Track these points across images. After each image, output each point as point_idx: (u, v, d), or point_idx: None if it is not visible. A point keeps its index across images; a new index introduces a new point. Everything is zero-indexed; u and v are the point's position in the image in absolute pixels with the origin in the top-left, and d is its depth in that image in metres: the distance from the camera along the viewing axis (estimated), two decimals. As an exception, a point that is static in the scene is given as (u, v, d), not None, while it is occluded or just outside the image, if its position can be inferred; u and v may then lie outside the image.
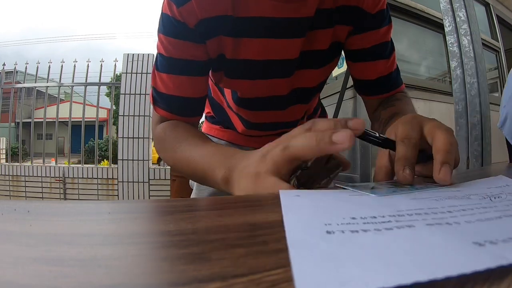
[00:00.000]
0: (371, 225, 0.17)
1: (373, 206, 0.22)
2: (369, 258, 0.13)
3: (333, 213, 0.21)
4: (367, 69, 0.57)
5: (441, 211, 0.20)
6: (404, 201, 0.23)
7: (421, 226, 0.17)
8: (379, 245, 0.15)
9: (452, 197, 0.24)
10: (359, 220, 0.18)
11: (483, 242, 0.15)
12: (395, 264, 0.13)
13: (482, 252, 0.14)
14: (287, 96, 0.58)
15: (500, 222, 0.18)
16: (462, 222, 0.18)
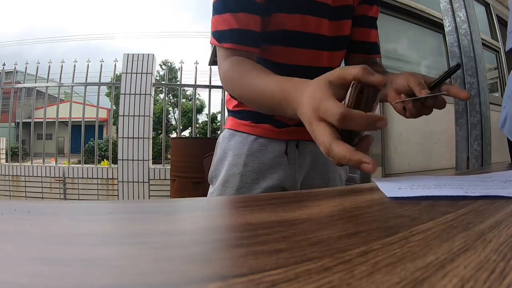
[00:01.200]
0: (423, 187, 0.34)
1: (426, 180, 0.39)
2: (418, 191, 0.32)
3: (404, 183, 0.37)
4: (365, 33, 0.73)
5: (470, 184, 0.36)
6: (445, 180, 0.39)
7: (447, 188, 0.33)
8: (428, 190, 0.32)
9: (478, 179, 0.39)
10: (418, 185, 0.35)
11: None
12: (431, 191, 0.32)
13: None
14: (327, 38, 0.66)
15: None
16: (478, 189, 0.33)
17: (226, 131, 0.74)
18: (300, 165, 0.70)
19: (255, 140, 0.68)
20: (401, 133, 1.89)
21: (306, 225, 0.22)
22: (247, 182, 0.66)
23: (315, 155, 0.71)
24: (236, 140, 0.70)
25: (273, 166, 0.68)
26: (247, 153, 0.68)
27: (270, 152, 0.68)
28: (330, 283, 0.13)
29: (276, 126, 0.69)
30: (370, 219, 0.25)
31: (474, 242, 0.18)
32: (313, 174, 0.71)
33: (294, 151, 0.69)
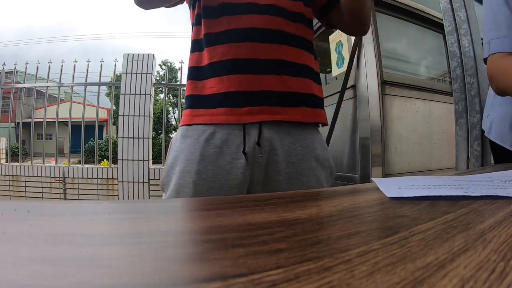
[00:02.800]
0: (423, 187, 0.34)
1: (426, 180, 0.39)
2: (418, 191, 0.32)
3: (404, 183, 0.38)
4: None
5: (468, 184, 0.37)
6: (445, 180, 0.39)
7: (447, 188, 0.34)
8: (428, 190, 0.33)
9: (478, 180, 0.40)
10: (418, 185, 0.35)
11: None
12: (431, 191, 0.32)
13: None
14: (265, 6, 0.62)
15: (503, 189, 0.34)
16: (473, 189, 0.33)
17: (179, 130, 0.67)
18: (260, 167, 0.62)
19: (207, 141, 0.61)
20: (401, 133, 1.89)
21: (306, 225, 0.22)
22: (201, 192, 0.60)
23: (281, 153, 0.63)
24: (187, 142, 0.63)
25: (231, 171, 0.61)
26: (200, 158, 0.60)
27: (226, 154, 0.61)
28: (330, 283, 0.13)
29: (227, 104, 0.61)
30: (370, 219, 0.25)
31: (474, 242, 0.18)
32: (280, 178, 0.63)
33: (253, 150, 0.61)
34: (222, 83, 0.62)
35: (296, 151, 0.64)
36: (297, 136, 0.65)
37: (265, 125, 0.62)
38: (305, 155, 0.65)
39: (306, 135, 0.66)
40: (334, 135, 1.97)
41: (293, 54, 0.65)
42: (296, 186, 0.63)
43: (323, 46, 2.51)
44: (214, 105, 0.62)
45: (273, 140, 0.62)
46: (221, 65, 0.62)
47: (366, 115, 1.81)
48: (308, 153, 0.65)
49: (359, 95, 1.89)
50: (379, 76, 1.82)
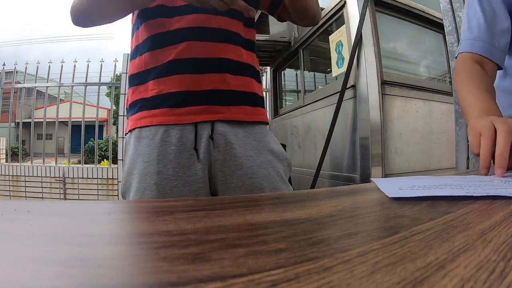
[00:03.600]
0: (424, 187, 0.34)
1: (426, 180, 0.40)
2: (419, 191, 0.32)
3: (404, 183, 0.37)
4: None
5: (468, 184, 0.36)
6: (445, 180, 0.39)
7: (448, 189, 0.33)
8: (429, 190, 0.32)
9: (478, 180, 0.39)
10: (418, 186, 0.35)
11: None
12: (433, 191, 0.32)
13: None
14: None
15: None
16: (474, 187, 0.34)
17: (132, 134, 0.65)
18: (216, 161, 0.62)
19: (163, 140, 0.60)
20: (401, 133, 1.89)
21: (306, 225, 0.22)
22: (165, 193, 0.59)
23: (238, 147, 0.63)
24: (142, 143, 0.62)
25: (191, 167, 0.60)
26: (158, 158, 0.60)
27: (183, 150, 0.60)
28: (330, 283, 0.13)
29: (177, 104, 0.61)
30: (370, 219, 0.25)
31: (474, 242, 0.18)
32: (241, 173, 0.62)
33: (206, 144, 0.61)
34: (163, 84, 0.62)
35: (251, 144, 0.65)
36: (249, 131, 0.66)
37: (218, 121, 0.63)
38: (260, 149, 0.66)
39: (257, 129, 0.67)
40: (334, 135, 1.97)
41: (234, 52, 0.65)
42: (258, 179, 0.63)
43: (323, 46, 2.51)
44: (155, 106, 0.62)
45: (227, 134, 0.62)
46: (162, 67, 0.62)
47: (366, 115, 1.81)
48: (262, 146, 0.66)
49: (359, 95, 1.89)
50: (379, 76, 1.82)
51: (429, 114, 2.02)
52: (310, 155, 2.51)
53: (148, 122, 0.62)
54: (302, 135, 2.64)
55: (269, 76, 3.73)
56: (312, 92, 2.69)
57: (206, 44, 0.62)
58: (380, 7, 1.98)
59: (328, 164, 2.14)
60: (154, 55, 0.63)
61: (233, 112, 0.64)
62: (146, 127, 0.62)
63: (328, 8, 2.28)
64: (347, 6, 2.04)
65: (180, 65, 0.61)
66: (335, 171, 2.11)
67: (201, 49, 0.61)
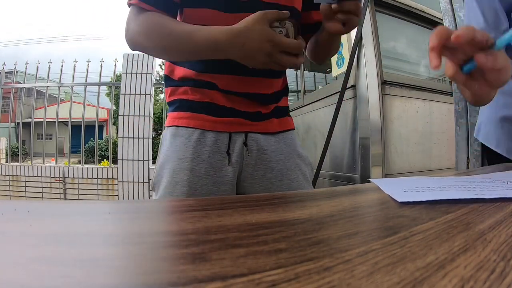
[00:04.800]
0: (429, 189, 0.34)
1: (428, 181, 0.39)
2: (429, 194, 0.31)
3: (407, 185, 0.38)
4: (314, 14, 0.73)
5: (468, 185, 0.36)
6: (447, 181, 0.39)
7: (454, 190, 0.33)
8: (440, 193, 0.32)
9: (479, 180, 0.39)
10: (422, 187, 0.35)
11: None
12: (443, 194, 0.31)
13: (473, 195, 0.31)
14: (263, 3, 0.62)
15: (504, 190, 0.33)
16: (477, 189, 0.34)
17: (168, 130, 0.67)
18: (248, 165, 0.65)
19: (199, 140, 0.63)
20: (401, 133, 1.89)
21: (306, 225, 0.22)
22: (196, 189, 0.61)
23: (270, 152, 0.66)
24: (178, 141, 0.64)
25: (222, 168, 0.63)
26: (192, 156, 0.62)
27: (217, 152, 0.63)
28: (330, 283, 0.13)
29: (213, 113, 0.64)
30: (370, 219, 0.25)
31: (474, 242, 0.18)
32: (271, 176, 0.66)
33: (240, 149, 0.64)
34: (202, 93, 0.65)
35: (282, 149, 0.69)
36: (280, 136, 0.70)
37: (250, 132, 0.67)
38: (290, 153, 0.70)
39: (286, 134, 0.72)
40: (334, 135, 1.97)
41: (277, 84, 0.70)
42: (286, 181, 0.67)
43: (323, 46, 2.50)
44: (193, 110, 0.65)
45: (259, 140, 0.66)
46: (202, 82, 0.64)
47: (366, 115, 1.81)
48: (291, 150, 0.70)
49: (359, 95, 1.89)
50: (379, 76, 1.82)
51: (429, 114, 2.02)
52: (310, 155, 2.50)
53: (185, 123, 0.65)
54: (302, 135, 2.65)
55: (269, 76, 3.71)
56: (312, 92, 2.70)
57: (243, 78, 0.64)
58: (380, 7, 1.98)
59: (328, 164, 2.14)
60: (195, 72, 0.65)
61: (264, 126, 0.68)
62: (183, 127, 0.65)
63: (328, 8, 2.28)
64: (347, 6, 2.03)
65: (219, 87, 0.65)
66: (335, 171, 2.11)
67: (238, 83, 0.64)
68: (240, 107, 0.65)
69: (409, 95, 1.94)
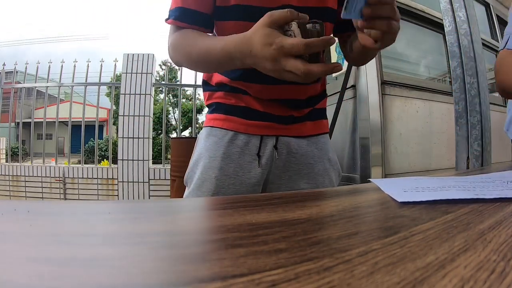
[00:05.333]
0: (430, 189, 0.34)
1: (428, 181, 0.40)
2: (429, 194, 0.31)
3: (407, 185, 0.38)
4: None
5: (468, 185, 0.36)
6: (447, 181, 0.39)
7: (454, 190, 0.33)
8: (440, 193, 0.32)
9: (479, 180, 0.40)
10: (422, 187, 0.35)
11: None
12: (443, 194, 0.31)
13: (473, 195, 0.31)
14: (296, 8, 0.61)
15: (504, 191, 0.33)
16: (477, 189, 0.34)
17: (204, 130, 0.71)
18: (277, 167, 0.66)
19: (231, 141, 0.65)
20: (401, 133, 1.89)
21: (306, 225, 0.22)
22: (223, 187, 0.63)
23: (299, 156, 0.67)
24: (211, 140, 0.67)
25: (251, 170, 0.65)
26: (223, 156, 0.64)
27: (247, 154, 0.65)
28: (330, 283, 0.13)
29: (246, 117, 0.66)
30: (370, 219, 0.25)
31: (474, 242, 0.18)
32: (298, 178, 0.67)
33: (270, 152, 0.66)
34: (236, 98, 0.67)
35: (312, 153, 0.69)
36: (312, 139, 0.70)
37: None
38: (320, 157, 0.70)
39: (319, 138, 0.72)
40: (334, 135, 1.97)
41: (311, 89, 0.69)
42: (313, 185, 0.67)
43: (323, 46, 2.50)
44: (227, 113, 0.67)
45: (290, 144, 0.67)
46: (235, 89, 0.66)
47: (366, 115, 1.81)
48: (322, 155, 0.70)
49: (359, 95, 1.89)
50: (379, 76, 1.82)
51: (429, 114, 2.02)
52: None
53: (219, 124, 0.67)
54: (302, 135, 2.64)
55: (269, 76, 3.72)
56: (312, 92, 2.69)
57: (273, 86, 0.64)
58: (380, 7, 1.98)
59: (328, 164, 2.14)
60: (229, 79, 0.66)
61: (296, 129, 0.68)
62: (217, 128, 0.68)
63: (328, 8, 2.28)
64: (347, 6, 2.04)
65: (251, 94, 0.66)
66: (335, 171, 2.11)
67: (268, 91, 0.64)
68: (273, 111, 0.66)
69: (409, 95, 1.94)
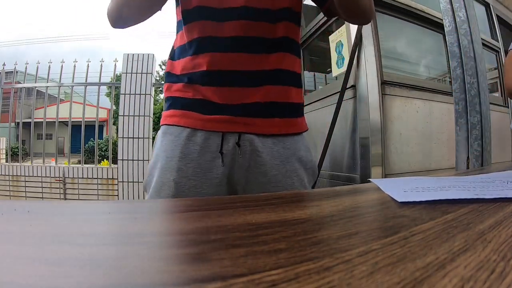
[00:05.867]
0: (430, 189, 0.34)
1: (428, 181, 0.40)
2: (429, 194, 0.31)
3: (407, 185, 0.38)
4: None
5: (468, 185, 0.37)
6: (447, 182, 0.40)
7: (454, 190, 0.33)
8: (440, 193, 0.32)
9: (479, 180, 0.40)
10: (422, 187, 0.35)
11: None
12: (443, 194, 0.31)
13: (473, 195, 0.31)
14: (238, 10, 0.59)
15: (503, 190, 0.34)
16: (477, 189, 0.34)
17: (160, 129, 0.66)
18: (241, 166, 0.61)
19: (189, 139, 0.60)
20: (401, 133, 1.89)
21: (306, 225, 0.22)
22: (183, 191, 0.58)
23: (265, 155, 0.61)
24: (167, 139, 0.62)
25: (212, 169, 0.60)
26: (180, 156, 0.59)
27: (207, 152, 0.60)
28: (330, 283, 0.13)
29: (205, 111, 0.60)
30: (370, 219, 0.25)
31: (474, 242, 0.18)
32: (264, 180, 0.61)
33: (232, 149, 0.60)
34: (194, 90, 0.62)
35: (279, 152, 0.63)
36: (279, 138, 0.63)
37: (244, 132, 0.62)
38: (288, 156, 0.64)
39: (288, 136, 0.65)
40: (334, 135, 1.97)
41: (274, 61, 0.62)
42: (281, 188, 0.62)
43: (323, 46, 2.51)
44: (184, 108, 0.62)
45: (254, 141, 0.61)
46: (196, 74, 0.61)
47: (366, 115, 1.81)
48: (290, 154, 0.64)
49: (359, 95, 1.89)
50: (379, 76, 1.82)
51: (429, 114, 2.02)
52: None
53: (175, 121, 0.62)
54: (302, 135, 2.64)
55: (269, 76, 3.72)
56: (312, 92, 2.70)
57: (245, 56, 0.60)
58: (380, 7, 1.98)
59: (328, 164, 2.14)
60: (190, 60, 0.62)
61: (261, 125, 0.62)
62: (173, 125, 0.63)
63: (328, 8, 2.28)
64: (347, 6, 2.03)
65: (215, 76, 0.60)
66: (335, 171, 2.11)
67: (237, 61, 0.60)
68: (233, 99, 0.60)
69: (409, 95, 1.94)
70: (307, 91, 2.77)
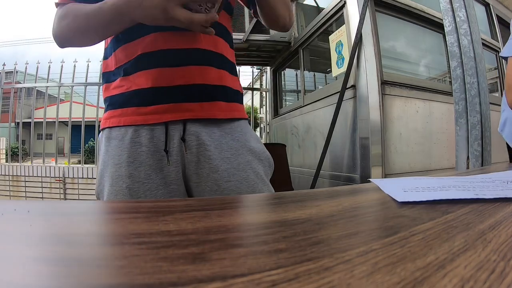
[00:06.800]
0: (430, 189, 0.34)
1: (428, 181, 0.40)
2: (429, 194, 0.31)
3: (406, 184, 0.38)
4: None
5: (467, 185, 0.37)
6: (447, 181, 0.40)
7: (454, 190, 0.34)
8: (440, 193, 0.32)
9: (479, 180, 0.40)
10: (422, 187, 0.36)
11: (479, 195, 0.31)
12: (443, 193, 0.31)
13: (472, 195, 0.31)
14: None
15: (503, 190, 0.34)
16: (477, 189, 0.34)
17: (101, 134, 0.62)
18: (190, 163, 0.58)
19: (133, 141, 0.57)
20: (401, 133, 1.89)
21: (306, 225, 0.22)
22: (138, 196, 0.56)
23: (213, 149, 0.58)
24: (113, 144, 0.58)
25: (163, 169, 0.57)
26: (128, 160, 0.56)
27: (155, 152, 0.57)
28: (330, 283, 0.13)
29: (143, 102, 0.57)
30: (370, 219, 0.25)
31: (474, 242, 0.18)
32: (217, 176, 0.58)
33: (178, 146, 0.57)
34: (130, 81, 0.58)
35: (228, 144, 0.60)
36: (226, 129, 0.61)
37: (190, 120, 0.58)
38: (238, 149, 0.61)
39: (234, 127, 0.62)
40: (334, 135, 1.97)
41: (206, 42, 0.60)
42: (235, 183, 0.59)
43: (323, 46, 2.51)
44: (122, 105, 0.59)
45: (200, 134, 0.58)
46: (130, 62, 0.59)
47: (366, 115, 1.81)
48: (241, 146, 0.61)
49: (359, 95, 1.89)
50: (379, 76, 1.82)
51: (429, 114, 2.02)
52: (310, 155, 2.51)
53: (116, 122, 0.59)
54: (302, 135, 2.65)
55: (269, 76, 3.73)
56: (312, 92, 2.70)
57: (174, 33, 0.57)
58: (380, 7, 1.98)
59: (328, 164, 2.14)
60: (122, 50, 0.59)
61: (206, 109, 0.59)
62: (115, 127, 0.59)
63: (328, 8, 2.28)
64: (347, 6, 2.04)
65: (147, 59, 0.57)
66: (335, 171, 2.11)
67: (168, 40, 0.57)
68: (171, 80, 0.57)
69: (409, 95, 1.94)
70: (307, 91, 2.77)
